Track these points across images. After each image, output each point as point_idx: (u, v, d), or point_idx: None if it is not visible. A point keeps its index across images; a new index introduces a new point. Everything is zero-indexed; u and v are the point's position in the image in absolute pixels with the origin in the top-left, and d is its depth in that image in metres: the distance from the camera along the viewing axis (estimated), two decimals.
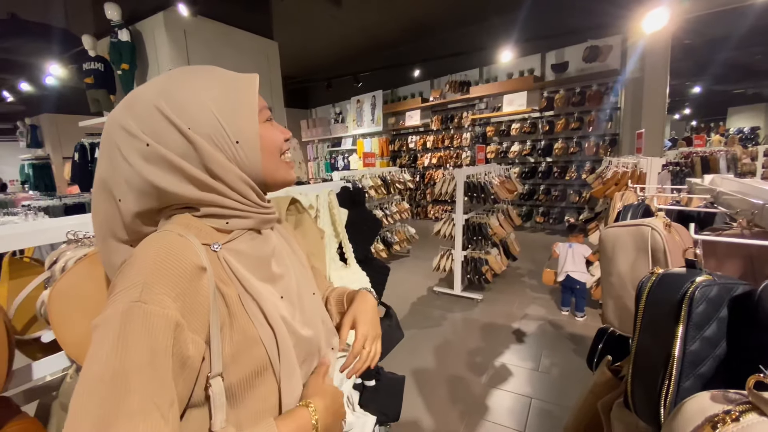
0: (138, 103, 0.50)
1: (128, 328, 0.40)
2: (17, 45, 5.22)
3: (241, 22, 4.45)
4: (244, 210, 0.55)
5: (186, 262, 0.46)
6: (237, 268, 0.52)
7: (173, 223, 0.52)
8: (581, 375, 2.40)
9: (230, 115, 0.51)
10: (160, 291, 0.43)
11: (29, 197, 5.02)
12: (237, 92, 0.53)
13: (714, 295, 0.52)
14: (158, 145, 0.49)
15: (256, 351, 0.51)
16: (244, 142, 0.52)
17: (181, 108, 0.49)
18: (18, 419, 0.79)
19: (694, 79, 9.93)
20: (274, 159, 0.57)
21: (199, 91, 0.51)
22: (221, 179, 0.52)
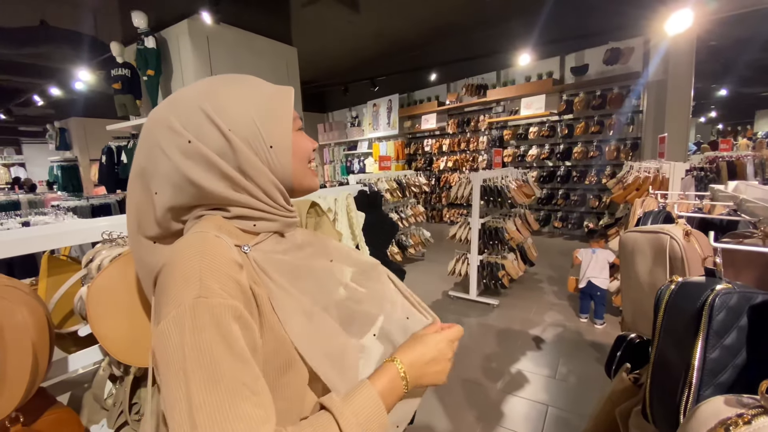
0: (182, 103, 0.54)
1: (198, 323, 0.42)
2: (48, 51, 5.46)
3: (262, 29, 4.55)
4: (271, 212, 0.58)
5: (229, 258, 0.48)
6: (266, 269, 0.54)
7: (205, 223, 0.54)
8: (599, 383, 2.36)
9: (267, 121, 0.55)
10: (216, 285, 0.45)
11: (58, 198, 5.24)
12: (275, 101, 0.56)
13: (734, 304, 0.52)
14: (199, 142, 0.52)
15: (285, 348, 0.52)
16: (278, 147, 0.56)
17: (223, 110, 0.53)
18: (54, 408, 0.84)
19: (720, 82, 9.63)
20: (302, 166, 0.60)
21: (241, 97, 0.55)
22: (254, 181, 0.55)
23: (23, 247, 0.84)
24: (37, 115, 10.07)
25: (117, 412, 0.91)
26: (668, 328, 0.61)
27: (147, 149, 0.55)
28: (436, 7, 6.02)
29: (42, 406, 0.82)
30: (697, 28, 4.79)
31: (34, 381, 0.71)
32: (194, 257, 0.46)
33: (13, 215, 2.56)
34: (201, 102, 0.53)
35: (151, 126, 0.55)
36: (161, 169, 0.53)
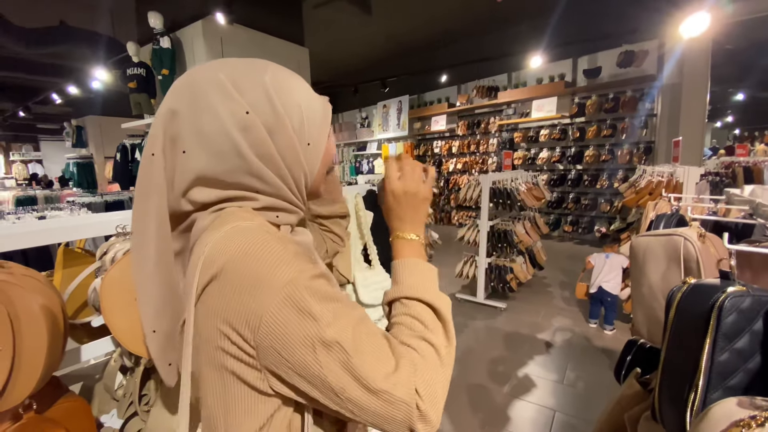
0: (240, 76, 0.51)
1: (313, 292, 0.42)
2: (66, 51, 5.59)
3: (274, 30, 4.60)
4: (296, 204, 0.58)
5: (291, 241, 0.51)
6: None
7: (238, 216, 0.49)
8: (608, 389, 2.33)
9: (311, 119, 0.55)
10: (302, 260, 0.45)
11: (73, 194, 5.34)
12: (319, 103, 0.57)
13: (746, 307, 0.51)
14: (255, 115, 0.50)
15: None
16: (314, 146, 0.56)
17: (281, 91, 0.52)
18: (67, 397, 0.86)
19: (738, 86, 9.45)
20: (323, 172, 0.61)
21: (295, 86, 0.54)
22: (290, 169, 0.54)
23: (40, 238, 0.86)
24: (55, 113, 10.32)
25: (127, 402, 0.93)
26: (678, 329, 0.60)
27: (191, 99, 0.50)
28: (447, 9, 6.02)
29: (55, 394, 0.84)
30: (712, 32, 4.71)
31: (48, 369, 0.73)
32: (269, 241, 0.45)
33: (30, 210, 2.62)
34: (262, 76, 0.51)
35: (202, 83, 0.50)
36: (206, 128, 0.49)
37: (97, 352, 0.97)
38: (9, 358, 0.65)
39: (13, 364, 0.66)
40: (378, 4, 5.79)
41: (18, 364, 0.67)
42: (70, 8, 5.18)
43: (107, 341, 0.98)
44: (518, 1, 5.56)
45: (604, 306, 3.20)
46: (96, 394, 0.99)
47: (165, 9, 3.91)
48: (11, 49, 5.16)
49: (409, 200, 0.61)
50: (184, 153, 0.50)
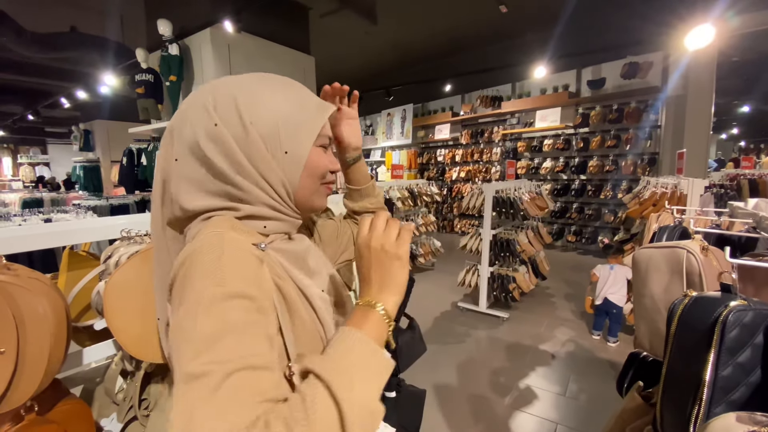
0: (221, 88, 0.56)
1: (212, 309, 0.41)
2: (76, 56, 5.69)
3: (281, 38, 4.66)
4: (281, 212, 0.59)
5: (249, 254, 0.49)
6: (284, 264, 0.56)
7: (219, 223, 0.52)
8: (611, 402, 2.30)
9: (291, 127, 0.56)
10: (236, 277, 0.44)
11: (79, 197, 5.39)
12: (306, 113, 0.57)
13: (748, 321, 0.51)
14: (224, 128, 0.53)
15: (315, 342, 0.54)
16: (292, 155, 0.56)
17: (251, 104, 0.55)
18: (68, 400, 0.86)
19: (743, 98, 9.44)
20: (312, 182, 0.60)
21: (274, 98, 0.56)
22: (264, 176, 0.55)
23: (46, 241, 0.87)
24: (63, 117, 10.46)
25: (127, 406, 0.93)
26: (680, 342, 0.59)
27: (180, 118, 0.57)
28: (453, 20, 6.09)
29: (56, 397, 0.84)
30: (718, 44, 4.73)
31: (50, 372, 0.73)
32: (214, 254, 0.46)
33: (36, 212, 2.65)
34: (236, 91, 0.55)
35: (192, 101, 0.57)
36: (186, 139, 0.55)
37: (98, 356, 0.98)
38: (13, 360, 0.66)
39: (16, 366, 0.66)
40: (384, 14, 5.86)
41: (21, 366, 0.67)
42: (82, 14, 5.28)
43: (109, 345, 0.98)
44: (523, 12, 5.62)
45: (609, 318, 3.17)
46: (96, 397, 0.99)
47: (174, 17, 3.98)
48: (23, 53, 5.25)
49: (376, 256, 0.52)
50: (176, 161, 0.56)
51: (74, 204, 3.93)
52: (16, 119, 10.05)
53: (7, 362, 0.65)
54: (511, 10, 5.27)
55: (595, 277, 3.19)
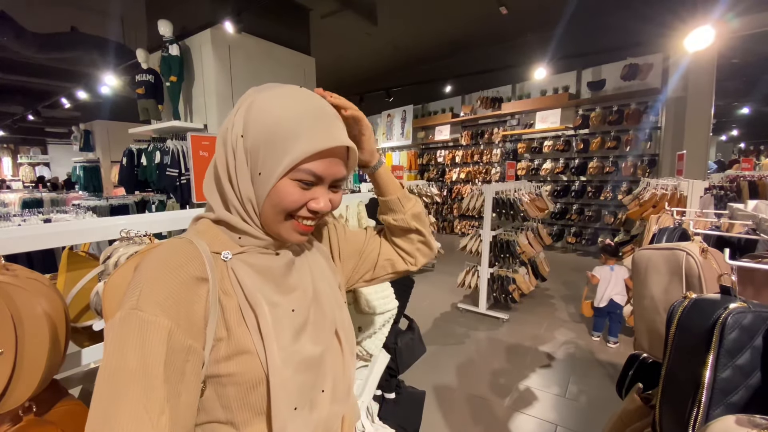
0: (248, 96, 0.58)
1: (124, 334, 0.43)
2: (77, 56, 5.68)
3: (281, 39, 4.66)
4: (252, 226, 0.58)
5: (183, 271, 0.49)
6: (243, 279, 0.54)
7: (192, 229, 0.58)
8: (611, 404, 2.29)
9: (269, 152, 0.54)
10: (156, 299, 0.46)
11: (79, 197, 5.39)
12: (290, 142, 0.53)
13: (748, 323, 0.51)
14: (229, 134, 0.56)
15: (251, 364, 0.52)
16: (263, 178, 0.54)
17: (252, 117, 0.55)
18: (66, 400, 0.86)
19: (743, 100, 9.45)
20: (275, 213, 0.56)
21: (270, 117, 0.54)
22: (239, 185, 0.56)
23: (45, 241, 0.87)
24: (63, 117, 10.46)
25: None
26: (679, 344, 0.59)
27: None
28: (453, 21, 6.09)
29: (55, 397, 0.84)
30: (718, 46, 4.73)
31: (49, 373, 0.73)
32: (150, 266, 0.49)
33: (36, 212, 2.65)
34: (252, 101, 0.56)
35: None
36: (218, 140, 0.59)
37: (97, 356, 0.98)
38: (11, 360, 0.66)
39: (14, 367, 0.66)
40: (384, 15, 5.86)
41: (20, 367, 0.67)
42: (82, 15, 5.28)
43: None
44: (523, 13, 5.62)
45: (609, 318, 3.16)
46: None
47: (175, 17, 3.98)
48: (23, 53, 5.26)
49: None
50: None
51: (74, 204, 3.93)
52: (16, 119, 10.05)
53: (5, 363, 0.65)
54: (512, 12, 5.27)
55: (596, 279, 3.17)
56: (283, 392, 0.53)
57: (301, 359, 0.57)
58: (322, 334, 0.63)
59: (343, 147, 0.58)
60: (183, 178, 3.59)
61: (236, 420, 0.53)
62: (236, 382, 0.52)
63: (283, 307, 0.58)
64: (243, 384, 0.52)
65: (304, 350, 0.58)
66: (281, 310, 0.57)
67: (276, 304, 0.57)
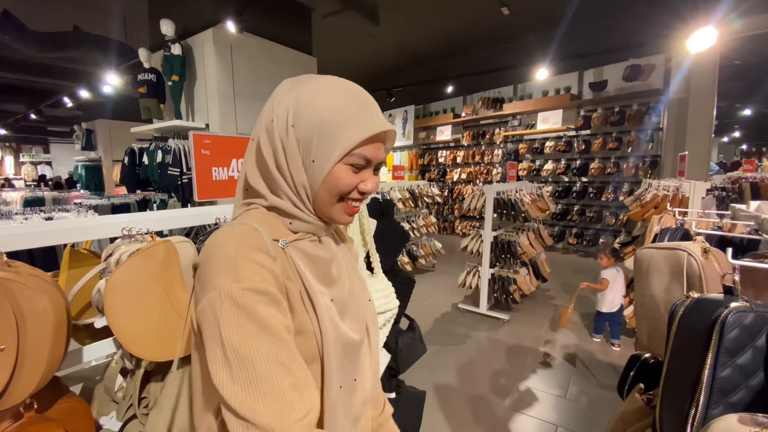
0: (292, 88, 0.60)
1: (233, 305, 0.47)
2: (79, 55, 5.70)
3: (283, 39, 4.67)
4: (304, 211, 0.61)
5: (263, 249, 0.53)
6: (299, 266, 0.58)
7: (249, 216, 0.59)
8: (611, 405, 2.29)
9: (323, 139, 0.57)
10: (249, 272, 0.49)
11: (80, 196, 5.40)
12: (344, 127, 0.57)
13: (749, 323, 0.50)
14: (275, 125, 0.58)
15: (309, 343, 0.56)
16: (318, 165, 0.58)
17: (300, 107, 0.57)
18: (67, 398, 0.86)
19: (745, 101, 9.43)
20: (329, 196, 0.60)
21: (322, 106, 0.57)
22: (291, 174, 0.59)
23: (48, 239, 0.87)
24: (65, 116, 10.48)
25: (126, 405, 0.93)
26: (680, 343, 0.59)
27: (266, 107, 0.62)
28: (454, 22, 6.09)
29: (56, 394, 0.84)
30: (720, 47, 4.72)
31: (50, 369, 0.73)
32: (231, 246, 0.51)
33: (38, 211, 2.65)
34: (297, 91, 0.58)
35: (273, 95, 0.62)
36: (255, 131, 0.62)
37: (98, 354, 0.98)
38: (12, 356, 0.66)
39: (16, 363, 0.66)
40: (386, 15, 5.87)
41: (21, 363, 0.67)
42: (85, 14, 5.29)
43: (109, 343, 0.98)
44: (525, 13, 5.61)
45: (611, 321, 3.13)
46: (96, 395, 0.99)
47: (177, 17, 3.98)
48: (25, 52, 5.27)
49: None
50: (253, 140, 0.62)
51: (75, 203, 3.94)
52: (18, 118, 10.08)
53: (7, 359, 0.65)
54: (513, 12, 5.27)
55: (607, 282, 3.08)
56: (333, 370, 0.57)
57: (344, 343, 0.60)
58: (357, 324, 0.66)
59: (384, 131, 0.61)
60: (184, 177, 3.60)
61: None
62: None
63: (326, 294, 0.61)
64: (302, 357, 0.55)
65: (347, 336, 0.62)
66: (327, 297, 0.61)
67: (324, 292, 0.61)
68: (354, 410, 0.63)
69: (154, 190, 4.31)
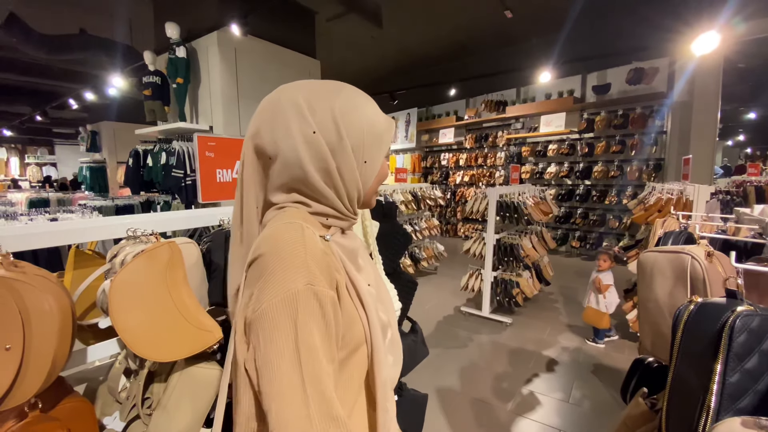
0: (317, 95, 0.61)
1: (309, 308, 0.49)
2: (85, 58, 5.74)
3: (287, 42, 4.69)
4: (346, 214, 0.66)
5: (322, 248, 0.56)
6: (342, 258, 0.61)
7: (294, 214, 0.60)
8: (614, 409, 2.28)
9: (372, 141, 0.63)
10: (321, 275, 0.52)
11: (85, 197, 5.43)
12: (383, 127, 0.65)
13: (756, 326, 0.50)
14: (320, 135, 0.59)
15: (356, 329, 0.59)
16: (370, 165, 0.64)
17: (347, 115, 0.61)
18: (71, 398, 0.87)
19: (750, 105, 9.39)
20: (376, 187, 0.69)
21: (363, 112, 0.63)
22: (344, 182, 0.62)
23: (52, 239, 0.88)
24: (71, 118, 10.56)
25: (130, 405, 0.93)
26: (686, 349, 0.59)
27: (271, 117, 0.61)
28: (457, 25, 6.11)
29: (60, 394, 0.85)
30: (724, 50, 4.71)
31: (55, 369, 0.74)
32: (298, 244, 0.53)
33: (43, 212, 2.67)
34: (333, 101, 0.61)
35: (283, 103, 0.61)
36: (281, 143, 0.60)
37: (102, 354, 0.98)
38: (18, 356, 0.66)
39: (21, 362, 0.66)
40: (389, 18, 5.89)
41: (26, 363, 0.67)
42: (91, 17, 5.34)
43: (113, 343, 0.98)
44: (528, 17, 5.63)
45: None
46: (99, 396, 1.00)
47: (182, 20, 4.01)
48: (32, 54, 5.32)
49: None
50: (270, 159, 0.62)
51: (80, 204, 3.96)
52: (24, 120, 10.16)
53: (13, 358, 0.66)
54: (516, 15, 5.28)
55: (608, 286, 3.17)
56: (381, 350, 0.60)
57: (382, 325, 0.64)
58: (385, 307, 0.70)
59: None
60: (188, 179, 3.61)
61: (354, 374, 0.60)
62: (346, 345, 0.57)
63: (364, 281, 0.65)
64: (351, 344, 0.58)
65: (382, 319, 0.65)
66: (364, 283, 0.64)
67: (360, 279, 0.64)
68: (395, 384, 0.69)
69: (158, 191, 4.33)
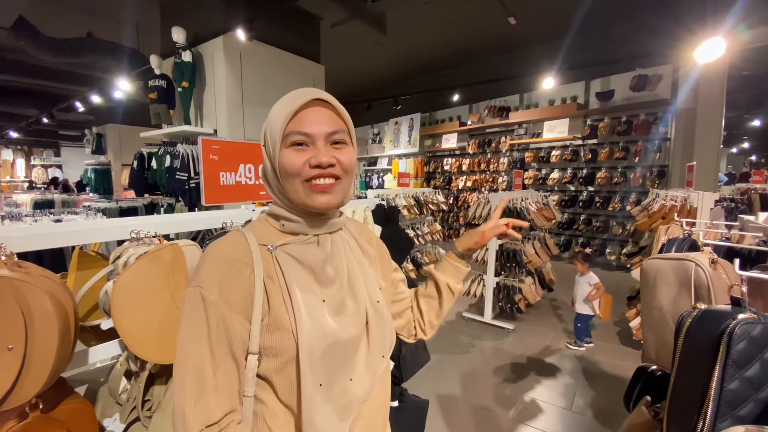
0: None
1: (190, 305, 0.56)
2: (92, 61, 5.81)
3: (292, 47, 4.73)
4: (292, 210, 0.66)
5: (231, 257, 0.59)
6: (285, 268, 0.61)
7: (254, 221, 0.69)
8: (617, 418, 2.25)
9: (268, 137, 0.65)
10: (212, 279, 0.56)
11: (89, 199, 5.47)
12: (274, 120, 0.63)
13: (757, 334, 0.50)
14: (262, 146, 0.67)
15: (287, 338, 0.59)
16: (273, 162, 0.64)
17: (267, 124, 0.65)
18: (72, 399, 0.87)
19: (754, 112, 9.36)
20: (290, 183, 0.62)
21: (272, 110, 0.65)
22: (269, 181, 0.67)
23: (57, 240, 0.89)
24: (77, 120, 10.64)
25: (130, 407, 0.93)
26: (687, 355, 0.58)
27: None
28: (461, 31, 6.13)
29: (61, 395, 0.85)
30: (728, 57, 4.70)
31: (56, 370, 0.74)
32: (209, 253, 0.60)
33: (48, 213, 2.69)
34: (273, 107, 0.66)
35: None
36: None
37: (103, 355, 0.99)
38: (20, 356, 0.66)
39: (23, 362, 0.67)
40: (393, 24, 5.93)
41: (28, 363, 0.68)
42: (98, 21, 5.41)
43: (114, 345, 0.99)
44: (532, 23, 5.65)
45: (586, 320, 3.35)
46: (100, 397, 1.00)
47: (188, 25, 4.06)
48: (40, 57, 5.38)
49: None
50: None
51: (84, 206, 3.98)
52: (31, 122, 10.25)
53: (15, 358, 0.66)
54: (520, 22, 5.30)
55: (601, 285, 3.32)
56: (311, 368, 0.58)
57: (331, 342, 0.61)
58: (353, 326, 0.65)
59: (320, 101, 0.63)
60: (192, 181, 3.63)
61: (278, 388, 0.60)
62: (275, 354, 0.59)
63: (318, 295, 0.63)
64: (281, 356, 0.59)
65: (335, 335, 0.61)
66: (316, 297, 0.62)
67: (313, 292, 0.62)
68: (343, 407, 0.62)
69: (162, 194, 4.35)
